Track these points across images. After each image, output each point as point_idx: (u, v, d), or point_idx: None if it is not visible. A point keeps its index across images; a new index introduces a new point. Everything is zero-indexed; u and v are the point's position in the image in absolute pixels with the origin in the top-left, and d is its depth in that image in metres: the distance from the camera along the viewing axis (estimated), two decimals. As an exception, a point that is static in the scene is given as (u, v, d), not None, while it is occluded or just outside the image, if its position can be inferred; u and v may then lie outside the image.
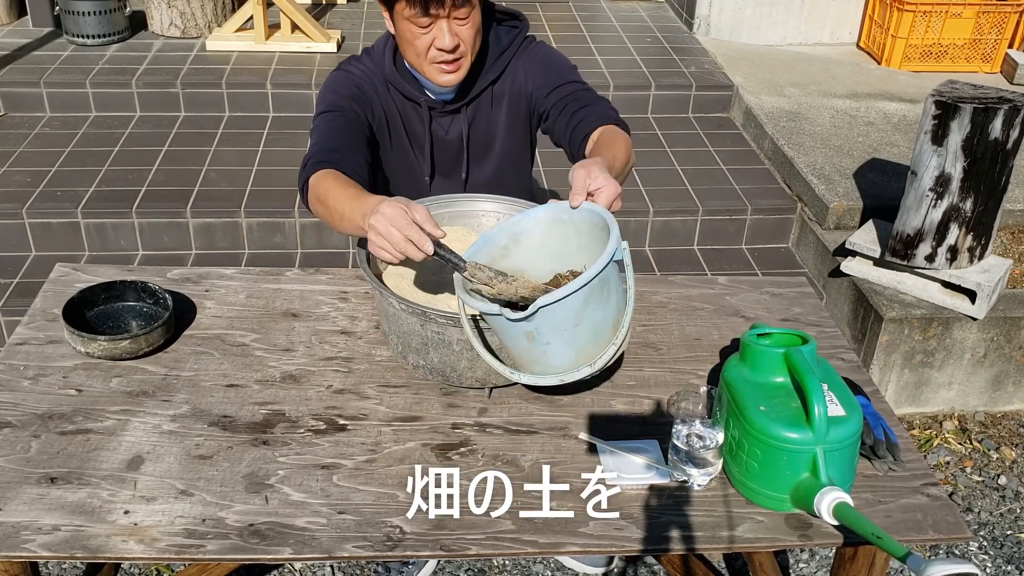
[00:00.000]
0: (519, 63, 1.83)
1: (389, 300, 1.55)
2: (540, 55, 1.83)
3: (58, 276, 1.95)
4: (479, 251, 1.47)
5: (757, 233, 3.54)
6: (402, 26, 1.65)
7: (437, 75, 1.70)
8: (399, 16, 1.64)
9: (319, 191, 1.59)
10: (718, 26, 4.96)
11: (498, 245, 1.48)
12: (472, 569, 2.39)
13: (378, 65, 1.80)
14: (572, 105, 1.76)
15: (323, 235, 3.36)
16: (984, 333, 2.96)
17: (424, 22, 1.61)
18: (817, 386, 1.37)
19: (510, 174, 1.93)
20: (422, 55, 1.67)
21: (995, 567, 2.51)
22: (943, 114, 2.65)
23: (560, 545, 1.38)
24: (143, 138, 3.81)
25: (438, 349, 1.58)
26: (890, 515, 1.45)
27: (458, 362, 1.59)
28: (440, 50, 1.65)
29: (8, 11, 4.69)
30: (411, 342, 1.60)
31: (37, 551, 1.31)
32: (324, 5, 5.19)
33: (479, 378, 1.61)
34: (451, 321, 1.51)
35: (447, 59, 1.67)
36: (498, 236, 1.49)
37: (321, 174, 1.61)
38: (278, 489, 1.44)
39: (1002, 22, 4.66)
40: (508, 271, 1.45)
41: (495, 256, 1.47)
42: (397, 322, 1.60)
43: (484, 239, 1.49)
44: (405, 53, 1.71)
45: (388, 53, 1.78)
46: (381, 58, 1.79)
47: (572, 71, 1.83)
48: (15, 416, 1.56)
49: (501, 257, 1.48)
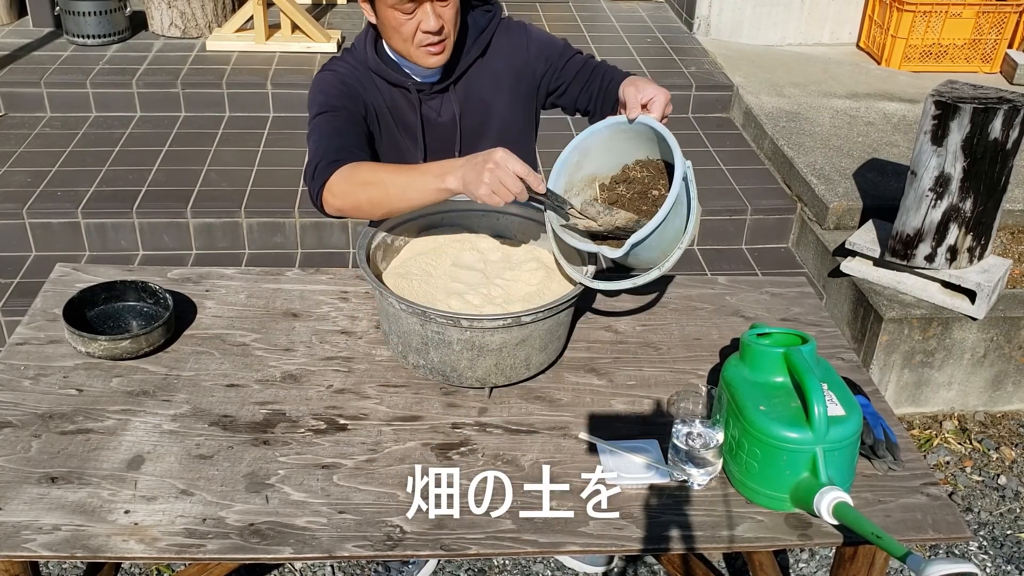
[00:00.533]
0: (506, 41, 1.87)
1: (389, 300, 1.56)
2: (535, 34, 1.91)
3: (58, 276, 1.95)
4: (560, 172, 1.66)
5: (757, 233, 3.54)
6: (387, 14, 1.68)
7: (424, 58, 1.73)
8: (382, 5, 1.67)
9: (359, 178, 1.61)
10: (718, 26, 4.96)
11: (571, 163, 1.67)
12: (472, 569, 2.39)
13: (360, 60, 1.82)
14: (595, 72, 1.87)
15: (323, 235, 3.36)
16: (984, 333, 2.96)
17: (409, 8, 1.65)
18: (817, 386, 1.37)
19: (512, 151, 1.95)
20: (409, 40, 1.70)
21: (995, 567, 2.51)
22: (943, 114, 2.65)
23: (560, 545, 1.38)
24: (143, 138, 3.82)
25: (438, 349, 1.58)
26: (890, 515, 1.45)
27: (458, 362, 1.59)
28: (426, 32, 1.68)
29: (8, 11, 4.69)
30: (411, 342, 1.60)
31: (37, 551, 1.31)
32: (324, 5, 5.19)
33: (479, 378, 1.62)
34: (451, 321, 1.52)
35: (433, 41, 1.70)
36: (570, 155, 1.67)
37: (349, 167, 1.63)
38: (278, 489, 1.44)
39: (1002, 22, 4.66)
40: (586, 179, 1.69)
41: (572, 170, 1.67)
42: (397, 322, 1.60)
43: (560, 162, 1.66)
44: (391, 40, 1.74)
45: (369, 45, 1.81)
46: (363, 52, 1.82)
47: (568, 45, 1.93)
48: (15, 416, 1.56)
49: (577, 169, 1.68)
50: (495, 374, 1.62)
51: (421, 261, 1.77)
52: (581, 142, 1.67)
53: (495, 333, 1.55)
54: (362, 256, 1.66)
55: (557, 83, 1.89)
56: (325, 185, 1.62)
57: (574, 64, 1.88)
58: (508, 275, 1.77)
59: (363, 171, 1.62)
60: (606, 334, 1.86)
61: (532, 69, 1.88)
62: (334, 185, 1.62)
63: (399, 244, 1.82)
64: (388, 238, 1.79)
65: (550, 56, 1.88)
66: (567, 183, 1.68)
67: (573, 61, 1.88)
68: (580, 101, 1.90)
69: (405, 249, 1.83)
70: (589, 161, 1.69)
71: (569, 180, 1.68)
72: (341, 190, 1.62)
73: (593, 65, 1.89)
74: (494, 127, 1.90)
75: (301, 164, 3.63)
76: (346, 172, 1.62)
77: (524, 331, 1.57)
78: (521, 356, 1.61)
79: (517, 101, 1.90)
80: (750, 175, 3.73)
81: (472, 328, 1.53)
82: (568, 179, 1.68)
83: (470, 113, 1.87)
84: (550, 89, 1.91)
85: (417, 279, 1.72)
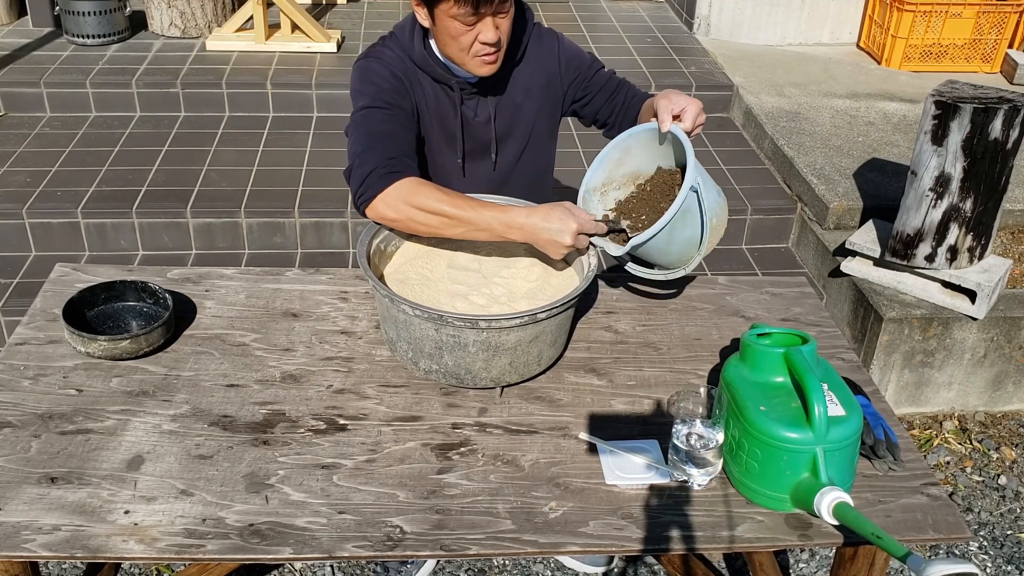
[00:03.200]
0: (538, 47, 1.90)
1: (402, 307, 1.54)
2: (566, 43, 1.96)
3: (58, 276, 1.95)
4: (600, 165, 1.79)
5: (757, 233, 3.54)
6: (447, 24, 1.68)
7: (479, 67, 1.75)
8: (443, 13, 1.67)
9: (420, 202, 1.64)
10: (718, 26, 4.96)
11: (612, 159, 1.80)
12: (472, 569, 2.39)
13: (406, 50, 1.81)
14: (620, 87, 1.97)
15: (323, 235, 3.36)
16: (984, 333, 2.96)
17: (471, 20, 1.66)
18: (817, 386, 1.37)
19: (538, 155, 2.00)
20: (466, 50, 1.71)
21: (995, 567, 2.51)
22: (943, 114, 2.65)
23: (560, 545, 1.38)
24: (143, 138, 3.82)
25: (453, 352, 1.57)
26: (890, 515, 1.45)
27: (473, 363, 1.58)
28: (484, 44, 1.69)
29: (8, 11, 4.69)
30: (424, 347, 1.59)
31: (37, 551, 1.31)
32: (324, 5, 5.19)
33: (493, 377, 1.62)
34: (468, 323, 1.51)
35: (490, 52, 1.72)
36: (611, 152, 1.79)
37: (409, 184, 1.65)
38: (278, 489, 1.44)
39: (1002, 22, 4.66)
40: (628, 175, 1.82)
41: (612, 166, 1.80)
42: (408, 328, 1.58)
43: (599, 159, 1.79)
44: (446, 47, 1.74)
45: (417, 39, 1.80)
46: (410, 43, 1.81)
47: (596, 58, 2.00)
48: (15, 416, 1.56)
49: (618, 165, 1.80)
50: (509, 372, 1.62)
51: (417, 265, 1.76)
52: (622, 141, 1.78)
53: (511, 332, 1.55)
54: (363, 259, 1.65)
55: (583, 92, 1.95)
56: (378, 196, 1.65)
57: (601, 77, 1.95)
58: (505, 273, 1.77)
59: (425, 196, 1.64)
60: (606, 334, 1.86)
61: (561, 76, 1.93)
62: (389, 197, 1.64)
63: (391, 249, 1.81)
64: (383, 244, 1.78)
65: (579, 66, 1.93)
66: (607, 178, 1.81)
67: (600, 74, 1.96)
68: (602, 113, 1.97)
69: (397, 254, 1.82)
70: (630, 159, 1.80)
71: (609, 176, 1.81)
72: (396, 206, 1.65)
73: (618, 81, 1.97)
74: (523, 130, 1.93)
75: (301, 164, 3.64)
76: (406, 189, 1.65)
77: (538, 328, 1.58)
78: (534, 353, 1.62)
79: (545, 106, 1.94)
80: (750, 175, 3.73)
81: (490, 328, 1.53)
82: (608, 175, 1.81)
83: (501, 115, 1.90)
84: (576, 97, 1.96)
85: (417, 284, 1.71)
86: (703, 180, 1.65)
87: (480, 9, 1.64)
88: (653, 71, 4.33)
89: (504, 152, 1.93)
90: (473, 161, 1.92)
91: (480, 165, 1.93)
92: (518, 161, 1.96)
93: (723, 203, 1.74)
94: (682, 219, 1.63)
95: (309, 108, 4.08)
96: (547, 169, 2.06)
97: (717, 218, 1.70)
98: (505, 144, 1.92)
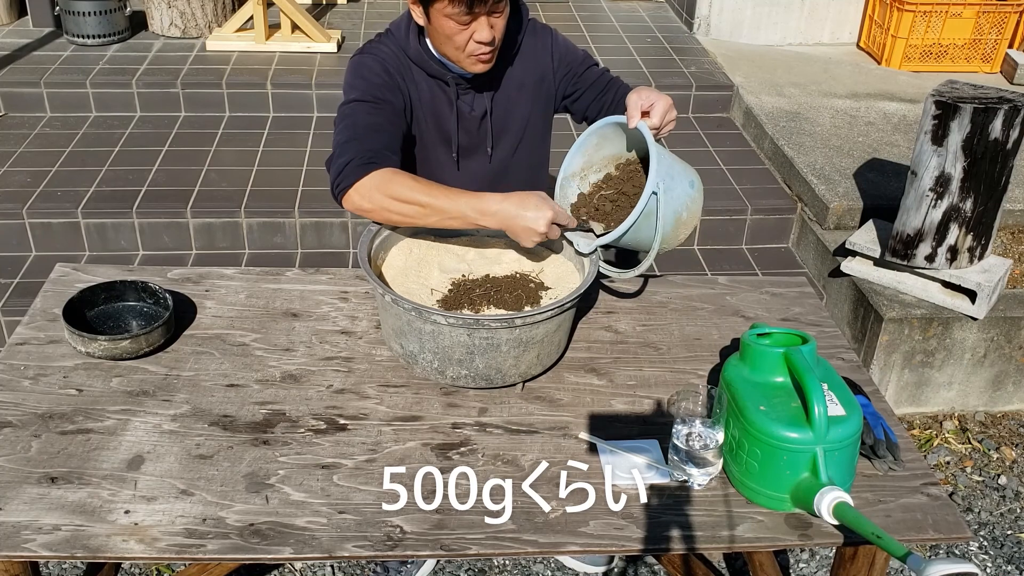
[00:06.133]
0: (533, 43, 1.91)
1: (434, 318, 1.51)
2: (560, 39, 1.97)
3: (58, 276, 1.95)
4: (576, 154, 1.81)
5: (757, 233, 3.54)
6: (441, 22, 1.69)
7: (473, 65, 1.76)
8: (438, 13, 1.67)
9: (394, 191, 1.64)
10: (718, 26, 4.96)
11: (591, 144, 1.82)
12: (472, 569, 2.39)
13: (401, 47, 1.82)
14: (610, 85, 1.96)
15: (323, 235, 3.36)
16: (984, 333, 2.96)
17: (466, 20, 1.67)
18: (817, 386, 1.37)
19: (533, 150, 2.01)
20: (461, 48, 1.72)
21: (995, 567, 2.51)
22: (943, 114, 2.65)
23: (560, 545, 1.38)
24: (143, 138, 3.82)
25: (485, 355, 1.56)
26: (890, 515, 1.45)
27: (504, 362, 1.59)
28: (479, 43, 1.70)
29: (8, 11, 4.69)
30: (453, 355, 1.57)
31: (37, 551, 1.31)
32: (324, 5, 5.19)
33: (521, 373, 1.64)
34: (504, 323, 1.52)
35: (484, 51, 1.72)
36: (588, 139, 1.81)
37: (384, 174, 1.65)
38: (278, 489, 1.44)
39: (1002, 22, 4.66)
40: (608, 158, 1.85)
41: (591, 151, 1.82)
42: (435, 339, 1.56)
43: (577, 145, 1.81)
44: (441, 46, 1.75)
45: (413, 35, 1.81)
46: (405, 39, 1.82)
47: (588, 55, 2.01)
48: (15, 416, 1.56)
49: (596, 150, 1.83)
50: (535, 366, 1.64)
51: (414, 276, 1.75)
52: (597, 129, 1.80)
53: (540, 326, 1.57)
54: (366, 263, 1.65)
55: (573, 88, 1.96)
56: (353, 185, 1.64)
57: (592, 74, 1.96)
58: (494, 270, 1.78)
59: (399, 185, 1.64)
60: (606, 334, 1.86)
61: (554, 71, 1.94)
62: (363, 187, 1.64)
63: (378, 263, 1.76)
64: (379, 249, 1.77)
65: (571, 62, 1.95)
66: (586, 163, 1.83)
67: (592, 71, 1.97)
68: (591, 109, 1.97)
69: (385, 267, 1.77)
70: (608, 143, 1.82)
71: (588, 160, 1.83)
72: (371, 196, 1.64)
73: (609, 78, 1.97)
74: (518, 125, 1.94)
75: (301, 164, 3.64)
76: (380, 179, 1.64)
77: (561, 317, 1.61)
78: (556, 342, 1.65)
79: (539, 101, 1.95)
80: (750, 175, 3.73)
81: (524, 324, 1.54)
82: (587, 159, 1.83)
83: (497, 110, 1.91)
84: (566, 93, 1.97)
85: (423, 296, 1.69)
86: (670, 175, 1.65)
87: (474, 9, 1.64)
88: (653, 71, 4.33)
89: (499, 147, 1.94)
90: (468, 157, 1.93)
91: (475, 160, 1.94)
92: (513, 156, 1.96)
93: (695, 193, 1.72)
94: (646, 220, 1.64)
95: (309, 108, 4.08)
96: (542, 164, 2.06)
97: (688, 211, 1.70)
98: (500, 139, 1.93)
